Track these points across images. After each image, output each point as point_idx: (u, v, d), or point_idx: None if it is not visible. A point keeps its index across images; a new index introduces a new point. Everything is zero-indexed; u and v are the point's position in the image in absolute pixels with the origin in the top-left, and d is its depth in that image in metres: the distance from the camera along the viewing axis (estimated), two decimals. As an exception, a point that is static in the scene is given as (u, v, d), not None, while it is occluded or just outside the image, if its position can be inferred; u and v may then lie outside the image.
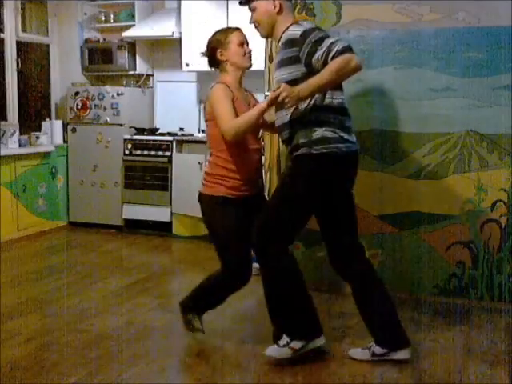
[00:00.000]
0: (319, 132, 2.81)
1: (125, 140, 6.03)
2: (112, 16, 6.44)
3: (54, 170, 6.15)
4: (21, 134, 5.93)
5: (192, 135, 6.02)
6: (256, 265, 4.58)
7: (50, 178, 6.10)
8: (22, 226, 5.69)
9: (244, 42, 3.08)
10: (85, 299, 3.97)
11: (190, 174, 5.42)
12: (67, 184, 6.32)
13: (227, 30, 3.12)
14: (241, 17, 5.44)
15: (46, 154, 6.02)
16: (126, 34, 6.13)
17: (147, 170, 5.94)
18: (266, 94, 4.21)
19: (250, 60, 3.09)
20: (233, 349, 3.23)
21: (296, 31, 2.83)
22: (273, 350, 3.00)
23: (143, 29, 6.10)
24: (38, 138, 6.00)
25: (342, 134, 2.85)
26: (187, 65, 5.86)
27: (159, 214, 5.89)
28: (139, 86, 6.44)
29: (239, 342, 3.31)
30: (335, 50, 2.68)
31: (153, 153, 5.91)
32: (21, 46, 6.14)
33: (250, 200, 3.09)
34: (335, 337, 3.36)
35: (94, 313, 3.71)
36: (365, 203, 4.06)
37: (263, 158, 4.33)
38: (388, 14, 3.90)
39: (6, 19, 5.92)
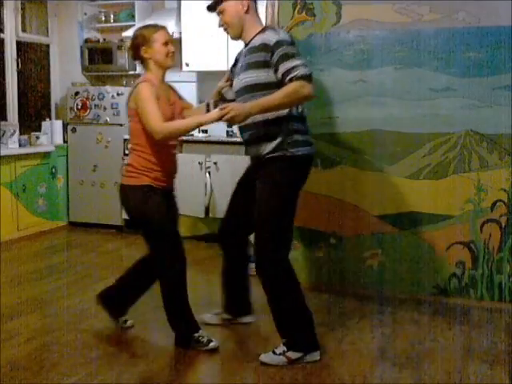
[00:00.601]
0: (292, 136, 2.97)
1: (125, 140, 6.02)
2: (112, 16, 6.44)
3: (54, 170, 6.15)
4: (21, 134, 5.93)
5: (192, 135, 6.01)
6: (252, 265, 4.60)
7: (50, 177, 6.10)
8: (22, 225, 5.69)
9: (168, 42, 3.10)
10: (85, 299, 3.96)
11: (189, 174, 5.42)
12: (67, 184, 6.32)
13: (153, 28, 3.13)
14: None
15: (46, 154, 6.02)
16: (126, 34, 6.13)
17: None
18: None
19: (173, 60, 3.14)
20: (233, 348, 3.23)
21: (272, 38, 2.89)
22: (268, 357, 3.02)
23: (143, 29, 6.10)
24: (38, 138, 6.00)
25: (307, 138, 3.05)
26: (187, 65, 5.87)
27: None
28: (139, 86, 6.44)
29: (239, 342, 3.31)
30: (294, 73, 2.80)
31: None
32: (21, 46, 6.14)
33: (168, 194, 3.21)
34: (335, 337, 3.36)
35: (94, 313, 3.70)
36: (365, 203, 4.06)
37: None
38: (388, 13, 3.90)
39: (6, 19, 5.92)
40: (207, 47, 5.71)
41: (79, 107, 6.18)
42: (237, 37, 3.08)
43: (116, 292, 3.46)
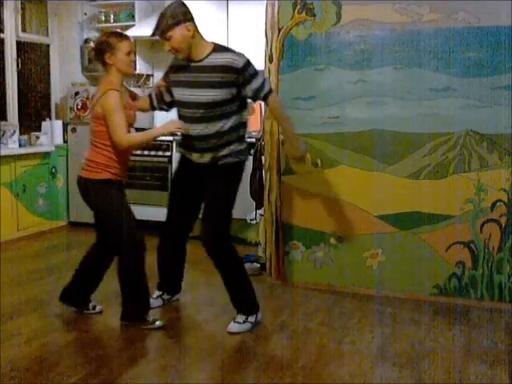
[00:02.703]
0: (237, 146, 3.39)
1: (125, 140, 6.02)
2: (112, 16, 6.43)
3: (53, 170, 6.15)
4: (21, 134, 5.92)
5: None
6: (256, 265, 4.59)
7: (50, 177, 6.10)
8: (22, 225, 5.69)
9: (131, 52, 3.40)
10: (85, 299, 3.96)
11: (189, 174, 5.42)
12: (67, 184, 6.31)
13: (119, 37, 3.40)
14: (241, 17, 5.51)
15: (46, 154, 6.02)
16: (126, 33, 6.12)
17: (147, 169, 5.93)
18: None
19: (132, 68, 3.52)
20: (233, 348, 3.23)
21: (237, 61, 3.24)
22: (235, 327, 3.38)
23: (143, 29, 6.09)
24: (37, 137, 5.99)
25: (245, 147, 3.47)
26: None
27: (159, 213, 5.84)
28: (139, 86, 6.43)
29: (239, 342, 3.31)
30: (265, 90, 3.32)
31: (152, 153, 5.91)
32: (21, 46, 6.14)
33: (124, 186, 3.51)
34: (335, 337, 3.36)
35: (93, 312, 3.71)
36: (365, 203, 4.06)
37: (263, 158, 4.37)
38: (388, 13, 3.90)
39: (6, 19, 5.91)
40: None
41: (79, 107, 6.18)
42: (185, 58, 3.33)
43: (75, 286, 3.65)
